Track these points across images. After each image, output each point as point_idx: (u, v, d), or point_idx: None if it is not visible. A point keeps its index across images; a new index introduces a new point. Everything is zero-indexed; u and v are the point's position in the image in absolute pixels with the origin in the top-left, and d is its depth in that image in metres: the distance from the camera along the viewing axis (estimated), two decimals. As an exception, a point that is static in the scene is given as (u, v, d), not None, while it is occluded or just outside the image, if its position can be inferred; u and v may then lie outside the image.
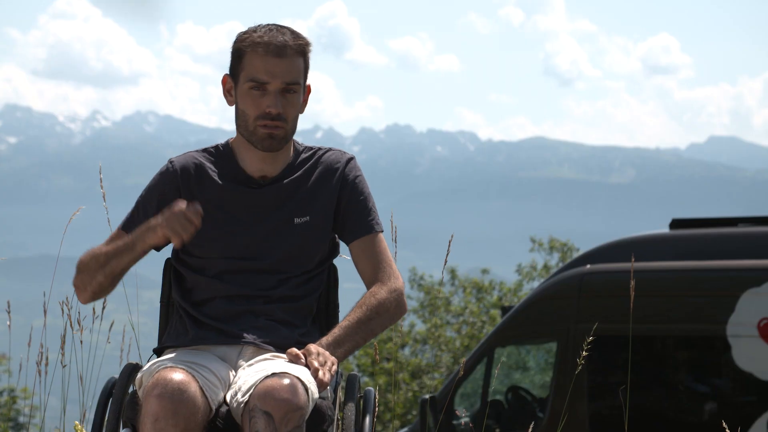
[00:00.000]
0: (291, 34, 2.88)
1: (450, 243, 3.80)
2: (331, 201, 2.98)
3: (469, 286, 18.89)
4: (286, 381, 2.58)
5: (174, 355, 2.77)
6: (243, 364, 2.80)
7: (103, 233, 3.13)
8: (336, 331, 2.86)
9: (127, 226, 2.97)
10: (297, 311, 2.91)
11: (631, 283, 3.77)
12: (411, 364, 16.83)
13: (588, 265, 6.86)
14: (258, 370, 2.69)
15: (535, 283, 19.04)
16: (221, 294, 2.89)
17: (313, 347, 2.76)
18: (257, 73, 2.85)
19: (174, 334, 2.92)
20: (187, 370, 2.63)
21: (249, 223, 2.92)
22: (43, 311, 3.88)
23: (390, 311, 2.94)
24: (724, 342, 6.41)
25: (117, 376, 2.87)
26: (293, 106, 2.89)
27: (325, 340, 2.83)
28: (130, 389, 2.82)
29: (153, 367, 2.68)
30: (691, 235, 6.98)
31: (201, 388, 2.61)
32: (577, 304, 6.74)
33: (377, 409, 3.16)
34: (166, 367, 2.63)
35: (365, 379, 16.13)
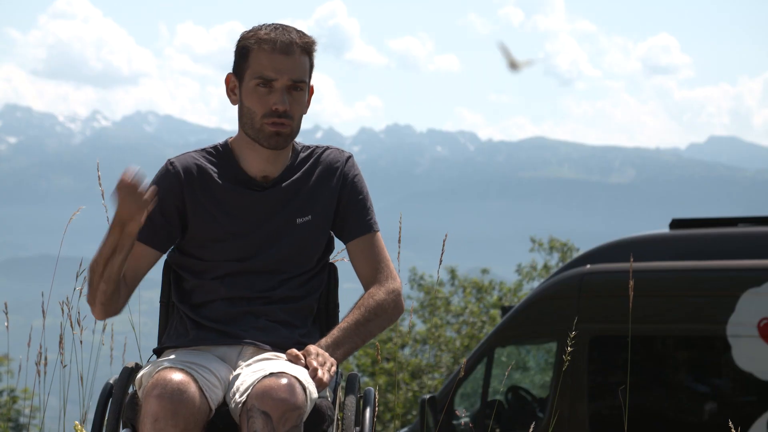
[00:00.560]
0: (296, 32, 2.88)
1: (444, 242, 3.80)
2: (331, 200, 2.98)
3: (469, 286, 18.88)
4: (284, 381, 2.58)
5: (174, 355, 2.77)
6: (242, 364, 2.80)
7: (100, 234, 3.12)
8: (335, 332, 2.86)
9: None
10: (297, 312, 2.91)
11: (630, 283, 3.77)
12: (411, 364, 16.83)
13: (588, 265, 6.85)
14: (256, 370, 2.69)
15: (535, 283, 19.03)
16: (221, 296, 2.89)
17: (312, 348, 2.76)
18: (264, 70, 2.84)
19: (174, 334, 2.92)
20: (187, 370, 2.63)
21: (252, 224, 2.92)
22: (42, 311, 3.88)
23: (388, 312, 2.94)
24: (724, 342, 6.41)
25: (117, 376, 2.87)
26: (299, 103, 2.88)
27: (324, 341, 2.83)
28: (130, 389, 2.82)
29: (153, 367, 2.68)
30: (691, 235, 6.98)
31: (201, 389, 2.61)
32: (577, 304, 6.74)
33: (377, 409, 3.16)
34: (165, 368, 2.63)
35: (365, 379, 16.13)
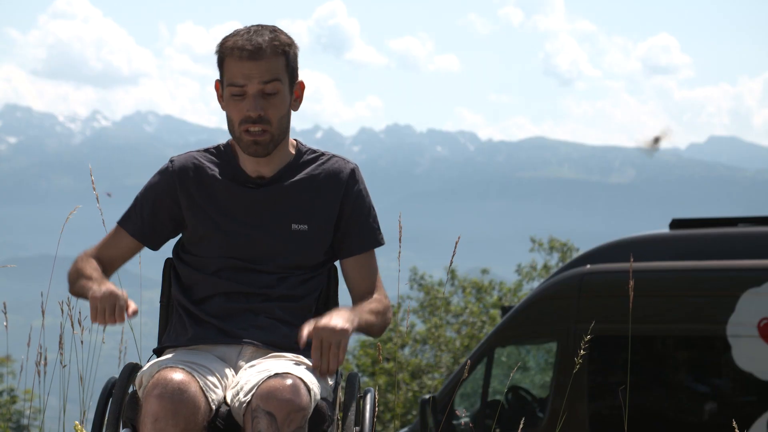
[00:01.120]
0: (270, 34, 2.85)
1: (456, 244, 3.78)
2: (331, 213, 2.96)
3: (469, 286, 18.88)
4: (289, 381, 2.58)
5: (174, 355, 2.78)
6: (243, 364, 2.80)
7: (100, 234, 3.14)
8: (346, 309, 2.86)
9: (123, 222, 3.01)
10: (296, 311, 2.90)
11: (630, 283, 3.77)
12: (411, 364, 16.83)
13: (588, 265, 6.86)
14: (260, 370, 2.69)
15: (535, 283, 19.03)
16: (220, 291, 2.89)
17: (322, 327, 2.71)
18: (234, 77, 2.84)
19: (173, 334, 2.92)
20: (187, 370, 2.63)
21: (247, 222, 2.92)
22: (42, 311, 3.88)
23: (386, 321, 2.97)
24: (724, 342, 6.41)
25: (117, 376, 2.87)
26: (275, 107, 2.86)
27: (337, 313, 2.79)
28: (130, 389, 2.82)
29: (153, 367, 2.68)
30: (691, 235, 6.98)
31: (201, 388, 2.62)
32: (577, 304, 6.74)
33: (377, 409, 3.16)
34: (166, 367, 2.63)
35: (365, 379, 16.13)
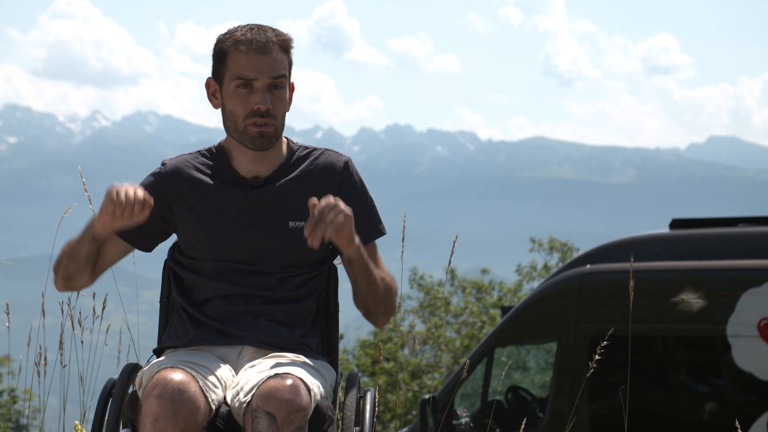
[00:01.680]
0: (272, 31, 2.88)
1: (454, 243, 3.78)
2: None
3: (469, 286, 18.88)
4: (289, 382, 2.58)
5: (174, 355, 2.78)
6: (243, 364, 2.80)
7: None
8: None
9: None
10: (297, 312, 2.90)
11: (630, 283, 3.77)
12: (411, 364, 16.82)
13: (588, 265, 6.85)
14: (260, 370, 2.69)
15: (535, 283, 19.03)
16: (220, 293, 2.88)
17: (333, 205, 2.68)
18: (243, 70, 2.83)
19: (174, 334, 2.92)
20: (187, 370, 2.63)
21: (242, 224, 2.91)
22: (42, 311, 3.88)
23: (389, 291, 2.94)
24: (724, 342, 6.41)
25: (117, 376, 2.87)
26: (281, 101, 2.87)
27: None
28: (130, 389, 2.82)
29: (153, 367, 2.68)
30: (691, 235, 6.98)
31: (201, 388, 2.61)
32: (577, 304, 6.74)
33: (377, 409, 3.16)
34: (166, 367, 2.63)
35: (365, 379, 16.13)
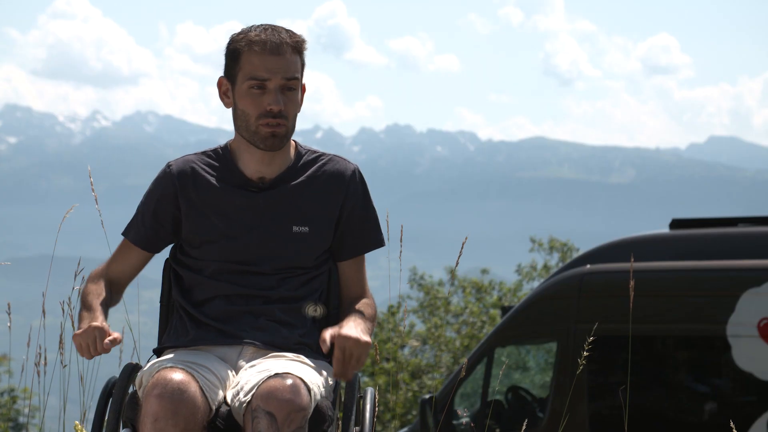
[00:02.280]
0: (286, 32, 2.87)
1: (463, 245, 3.77)
2: (332, 214, 2.95)
3: (469, 286, 18.87)
4: (289, 381, 2.58)
5: (174, 355, 2.78)
6: (243, 364, 2.80)
7: (101, 234, 3.14)
8: (359, 319, 2.84)
9: (127, 232, 2.99)
10: (297, 312, 2.90)
11: (630, 283, 3.77)
12: (411, 364, 16.82)
13: (588, 265, 6.85)
14: (260, 370, 2.69)
15: (535, 283, 19.03)
16: (220, 293, 2.88)
17: (346, 337, 2.70)
18: (256, 71, 2.83)
19: (174, 334, 2.92)
20: (187, 370, 2.63)
21: (247, 226, 2.90)
22: (42, 311, 3.88)
23: (374, 325, 2.97)
24: (724, 342, 6.40)
25: (117, 376, 2.87)
26: (294, 102, 2.87)
27: (355, 324, 2.79)
28: (130, 389, 2.82)
29: (153, 367, 2.68)
30: (691, 235, 6.98)
31: (201, 388, 2.61)
32: (577, 304, 6.74)
33: (377, 409, 3.16)
34: (166, 367, 2.63)
35: (365, 379, 16.12)
